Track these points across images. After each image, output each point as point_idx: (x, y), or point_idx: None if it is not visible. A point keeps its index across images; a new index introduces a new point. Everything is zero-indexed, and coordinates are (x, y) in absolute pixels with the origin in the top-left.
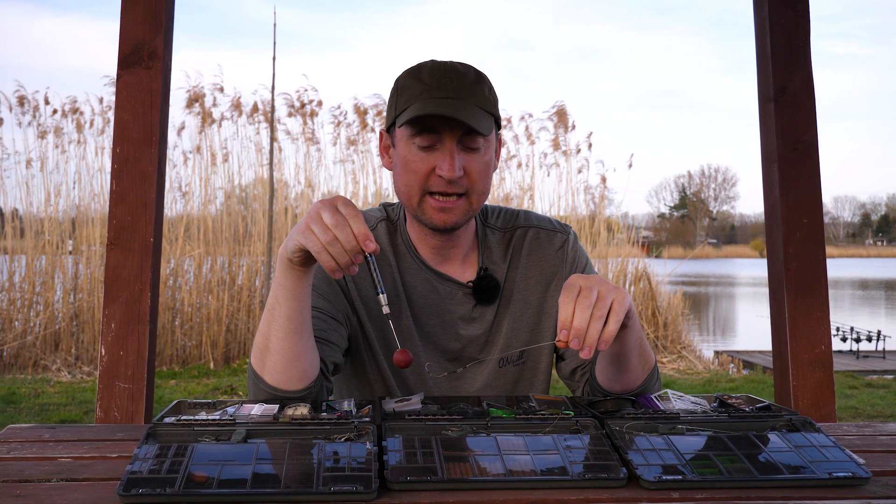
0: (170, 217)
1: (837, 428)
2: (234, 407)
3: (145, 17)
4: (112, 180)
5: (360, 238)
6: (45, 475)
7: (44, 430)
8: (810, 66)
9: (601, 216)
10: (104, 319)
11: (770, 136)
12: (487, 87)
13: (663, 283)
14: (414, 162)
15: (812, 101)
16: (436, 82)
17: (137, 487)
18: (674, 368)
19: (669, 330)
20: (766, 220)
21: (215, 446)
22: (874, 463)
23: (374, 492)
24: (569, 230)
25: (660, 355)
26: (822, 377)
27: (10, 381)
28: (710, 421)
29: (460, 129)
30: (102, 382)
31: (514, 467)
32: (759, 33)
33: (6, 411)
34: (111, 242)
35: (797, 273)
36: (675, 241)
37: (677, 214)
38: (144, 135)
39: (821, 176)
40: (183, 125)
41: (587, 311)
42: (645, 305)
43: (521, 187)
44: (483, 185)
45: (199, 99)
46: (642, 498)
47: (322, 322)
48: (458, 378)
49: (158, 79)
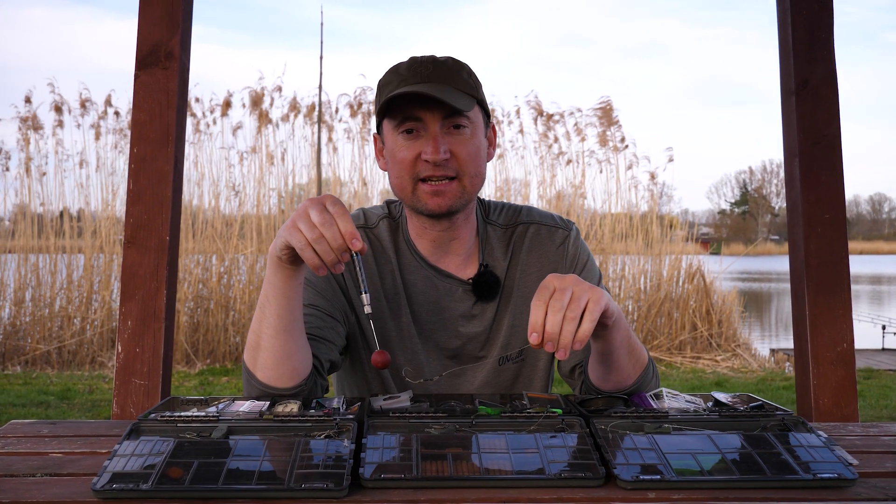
0: (225, 215)
1: (842, 428)
2: (224, 404)
3: (162, 18)
4: (129, 179)
5: (347, 237)
6: (32, 470)
7: (43, 425)
8: (833, 59)
9: (654, 213)
10: (121, 317)
11: (791, 130)
12: (466, 71)
13: (718, 279)
14: (401, 151)
15: (835, 95)
16: (411, 72)
17: (112, 483)
18: (727, 367)
19: (724, 327)
20: (788, 215)
21: (195, 443)
22: (869, 464)
23: (345, 489)
24: (571, 226)
25: (713, 353)
26: (843, 375)
27: (68, 377)
28: (700, 420)
29: (441, 111)
30: (119, 379)
31: (492, 466)
32: (780, 25)
33: (59, 406)
34: (128, 241)
35: (818, 270)
36: (736, 238)
37: (738, 211)
38: (161, 134)
39: (843, 171)
40: (239, 125)
41: (560, 314)
42: (699, 303)
43: (573, 184)
44: (473, 167)
45: (259, 99)
46: (617, 498)
47: (318, 320)
48: (457, 376)
49: (175, 79)
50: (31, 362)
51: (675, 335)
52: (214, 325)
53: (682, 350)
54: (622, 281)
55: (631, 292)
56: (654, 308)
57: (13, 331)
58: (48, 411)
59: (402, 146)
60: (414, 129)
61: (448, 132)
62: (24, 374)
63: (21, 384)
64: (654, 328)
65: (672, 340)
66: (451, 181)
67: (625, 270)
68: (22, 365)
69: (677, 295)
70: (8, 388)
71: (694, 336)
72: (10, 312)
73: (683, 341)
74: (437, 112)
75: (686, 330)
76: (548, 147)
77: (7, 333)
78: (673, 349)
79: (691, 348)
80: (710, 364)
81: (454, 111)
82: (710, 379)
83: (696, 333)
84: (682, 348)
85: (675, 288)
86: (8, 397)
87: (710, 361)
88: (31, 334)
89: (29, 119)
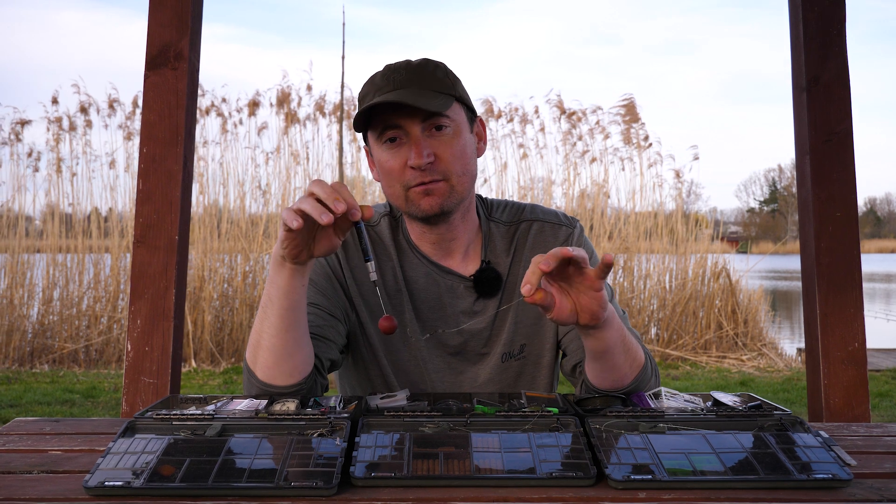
0: (251, 215)
1: (845, 428)
2: (223, 402)
3: (172, 19)
4: (139, 179)
5: (351, 206)
6: (29, 467)
7: (47, 423)
8: (845, 55)
9: (679, 211)
10: (130, 316)
11: (803, 127)
12: (442, 70)
13: (744, 278)
14: (387, 161)
15: (847, 91)
16: (385, 80)
17: (103, 480)
18: (753, 366)
19: (750, 326)
20: (799, 213)
21: (187, 441)
22: (867, 464)
23: (334, 487)
24: (575, 223)
25: (739, 352)
26: (855, 375)
27: (94, 375)
28: (696, 420)
29: (419, 115)
30: (128, 377)
31: (483, 465)
32: (792, 21)
33: (84, 405)
34: (137, 240)
35: (829, 268)
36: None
37: (767, 209)
38: (170, 135)
39: (856, 168)
40: (265, 125)
41: None
42: (724, 302)
43: (597, 183)
44: (460, 166)
45: (286, 99)
46: (607, 497)
47: (319, 318)
48: (460, 374)
49: (184, 79)
50: (58, 361)
51: (700, 334)
52: (239, 324)
53: (707, 349)
54: (646, 280)
55: (656, 291)
56: (680, 307)
57: (41, 329)
58: (73, 409)
59: (388, 156)
60: (396, 138)
61: (430, 135)
62: (52, 373)
63: (48, 382)
64: (679, 327)
65: (697, 340)
66: (439, 182)
67: (650, 269)
68: (50, 363)
69: (702, 294)
70: (35, 387)
71: (719, 335)
72: (39, 311)
73: (709, 340)
74: (415, 117)
75: (711, 329)
76: (571, 145)
77: (35, 332)
78: (698, 348)
79: (717, 348)
80: (736, 363)
81: (432, 113)
82: (735, 378)
83: (721, 333)
84: (708, 347)
85: (701, 287)
86: (34, 395)
87: (736, 361)
88: (58, 333)
89: (56, 120)
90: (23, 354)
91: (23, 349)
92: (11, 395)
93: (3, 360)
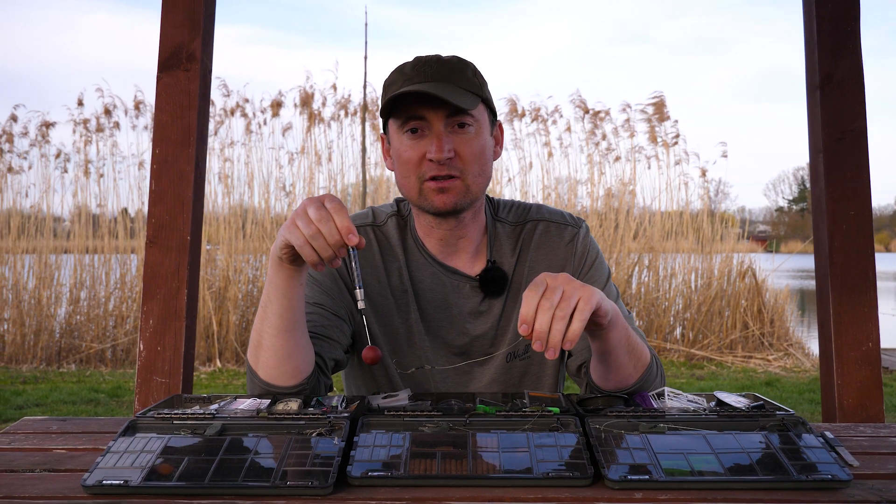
0: (276, 215)
1: (853, 428)
2: (226, 402)
3: (184, 20)
4: (151, 180)
5: (344, 231)
6: (31, 466)
7: (54, 422)
8: (860, 53)
9: (705, 210)
10: (143, 316)
11: (816, 126)
12: (471, 70)
13: (770, 277)
14: (405, 151)
15: (861, 89)
16: (416, 71)
17: (101, 479)
18: (780, 366)
19: (776, 326)
20: (812, 212)
21: (186, 440)
22: (870, 465)
23: (330, 487)
24: (580, 224)
25: (765, 352)
26: (869, 375)
27: (120, 375)
28: (697, 420)
29: (444, 109)
30: (140, 377)
31: (481, 465)
32: (806, 17)
33: (109, 404)
34: (150, 241)
35: (843, 267)
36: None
37: (796, 208)
38: (182, 136)
39: (870, 167)
40: (289, 125)
41: (549, 312)
42: (750, 301)
43: (622, 181)
44: (477, 166)
45: (309, 99)
46: (603, 498)
47: (324, 318)
48: (465, 373)
49: (196, 81)
50: (85, 361)
51: (725, 334)
52: None
53: (732, 349)
54: (672, 279)
55: (681, 290)
56: (705, 307)
57: (68, 329)
58: (97, 409)
59: (407, 146)
60: (418, 129)
61: (452, 131)
62: (79, 372)
63: (74, 382)
64: (704, 327)
65: (723, 339)
66: (455, 179)
67: (675, 268)
68: (77, 363)
69: (728, 293)
70: (61, 386)
71: (745, 335)
72: (66, 312)
73: (734, 340)
74: (440, 111)
75: (737, 329)
76: (595, 145)
77: (63, 332)
78: (724, 348)
79: (742, 347)
80: (762, 363)
81: (458, 110)
82: (761, 379)
83: (747, 332)
84: (733, 347)
85: (727, 286)
86: (60, 395)
87: (762, 361)
88: (85, 333)
89: (83, 122)
90: (50, 354)
91: (50, 349)
92: (38, 394)
93: (31, 359)
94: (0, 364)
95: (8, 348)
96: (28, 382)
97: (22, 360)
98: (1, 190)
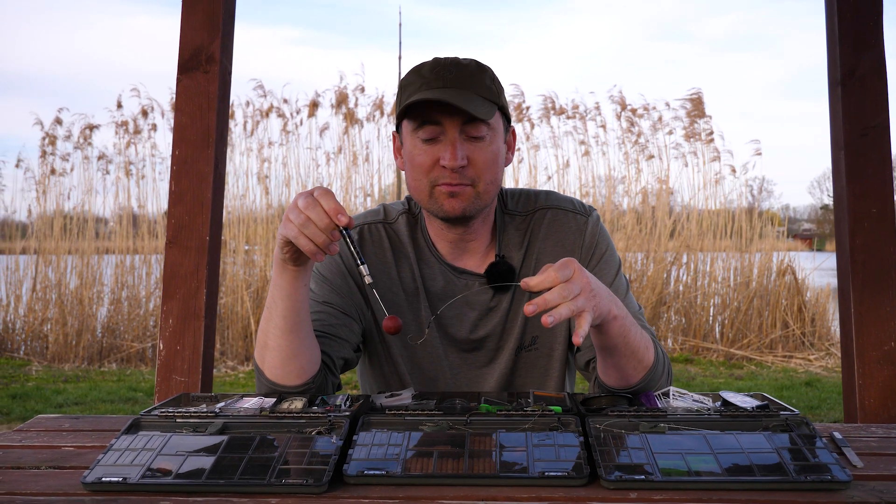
0: None
1: (864, 429)
2: (232, 400)
3: (204, 22)
4: (171, 181)
5: (332, 213)
6: (38, 463)
7: (66, 420)
8: (882, 47)
9: (743, 208)
10: (162, 315)
11: (837, 121)
12: (489, 77)
13: (811, 276)
14: (419, 155)
15: (883, 84)
16: (434, 74)
17: (101, 476)
18: (821, 366)
19: (817, 325)
20: (835, 209)
21: (188, 438)
22: (875, 466)
23: (324, 485)
24: (590, 212)
25: (806, 352)
26: (891, 375)
27: (150, 372)
28: (699, 420)
29: (460, 117)
30: (160, 376)
31: (477, 464)
32: (828, 12)
33: (146, 403)
34: (169, 241)
35: (865, 266)
36: None
37: None
38: (201, 137)
39: (892, 163)
40: (327, 125)
41: (561, 297)
42: (790, 300)
43: (659, 179)
44: (490, 174)
45: (345, 99)
46: (597, 497)
47: (332, 317)
48: (476, 368)
49: (215, 82)
50: (126, 360)
51: (765, 333)
52: None
53: (772, 349)
54: (709, 278)
55: (719, 289)
56: (744, 305)
57: (110, 329)
58: (135, 407)
59: (421, 150)
60: (433, 134)
61: (467, 138)
62: (119, 372)
63: (114, 381)
64: (743, 326)
65: (762, 339)
66: (467, 186)
67: (713, 267)
68: (118, 362)
69: (768, 292)
70: (101, 385)
71: (785, 334)
72: (108, 311)
73: (774, 340)
74: (457, 118)
75: (777, 328)
76: (633, 142)
77: (104, 331)
78: (763, 348)
79: (783, 347)
80: (803, 363)
81: (474, 118)
82: (801, 378)
83: (787, 332)
84: (773, 347)
85: (767, 284)
86: (99, 393)
87: (803, 360)
88: (126, 333)
89: (123, 124)
90: (92, 353)
91: (92, 348)
92: (78, 393)
93: (74, 358)
94: (43, 363)
95: (51, 347)
96: (70, 381)
97: (64, 359)
98: (45, 191)
